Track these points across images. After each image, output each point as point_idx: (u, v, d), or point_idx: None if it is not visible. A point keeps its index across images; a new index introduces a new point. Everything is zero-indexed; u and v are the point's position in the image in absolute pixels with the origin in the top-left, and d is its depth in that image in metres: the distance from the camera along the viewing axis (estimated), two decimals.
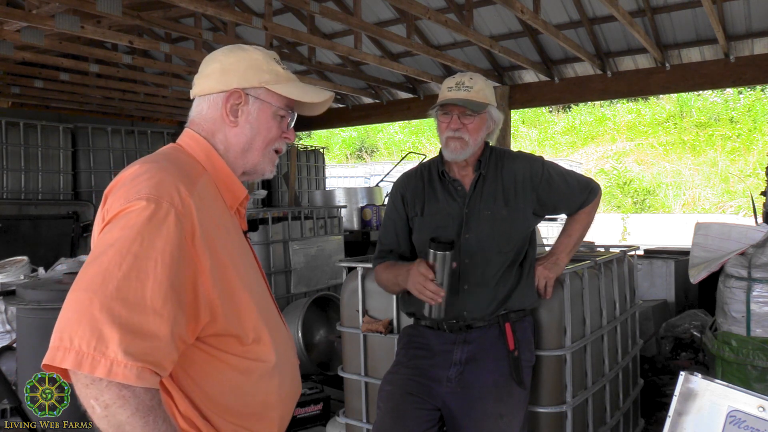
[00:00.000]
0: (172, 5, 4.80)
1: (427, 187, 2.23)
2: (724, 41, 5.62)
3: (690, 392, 1.20)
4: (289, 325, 4.66)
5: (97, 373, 0.97)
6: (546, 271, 2.26)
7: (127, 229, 1.07)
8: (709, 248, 3.44)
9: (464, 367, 2.10)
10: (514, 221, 2.16)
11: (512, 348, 2.10)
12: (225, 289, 1.17)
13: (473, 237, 2.13)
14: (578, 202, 2.28)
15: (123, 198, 1.11)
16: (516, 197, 2.17)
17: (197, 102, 1.35)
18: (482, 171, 2.17)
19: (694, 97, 16.90)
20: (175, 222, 1.09)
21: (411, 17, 5.82)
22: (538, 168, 2.20)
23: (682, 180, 16.26)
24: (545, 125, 19.48)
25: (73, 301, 1.02)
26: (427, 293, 1.97)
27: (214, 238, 1.17)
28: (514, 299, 2.17)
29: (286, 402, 1.34)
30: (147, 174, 1.15)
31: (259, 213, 5.40)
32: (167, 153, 1.30)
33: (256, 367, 1.25)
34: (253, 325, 1.23)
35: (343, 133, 21.23)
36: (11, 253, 5.28)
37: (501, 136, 7.20)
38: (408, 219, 2.25)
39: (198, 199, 1.17)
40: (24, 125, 8.06)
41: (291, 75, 1.38)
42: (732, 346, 3.15)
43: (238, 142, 1.32)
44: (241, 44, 1.38)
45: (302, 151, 11.11)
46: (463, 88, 2.09)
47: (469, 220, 2.14)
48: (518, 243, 2.17)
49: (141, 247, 1.05)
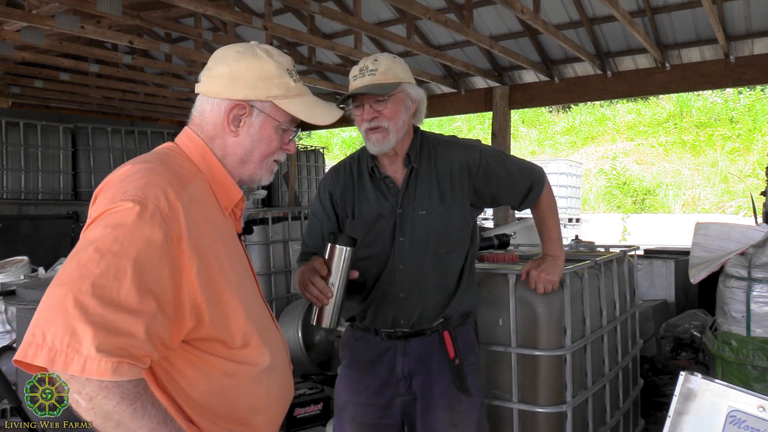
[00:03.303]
0: (172, 5, 4.80)
1: (357, 185, 2.01)
2: (724, 41, 5.62)
3: (690, 392, 1.20)
4: (289, 325, 4.66)
5: (70, 371, 0.95)
6: (549, 276, 2.15)
7: (109, 228, 1.06)
8: (709, 248, 3.44)
9: (410, 381, 1.98)
10: (451, 219, 1.97)
11: (452, 356, 1.95)
12: (213, 294, 1.15)
13: (407, 240, 1.94)
14: (521, 193, 2.07)
15: (110, 198, 1.11)
16: (453, 191, 1.97)
17: (201, 101, 1.32)
18: (414, 164, 1.96)
19: (694, 97, 16.89)
20: (160, 224, 1.08)
21: (411, 17, 5.82)
22: (476, 156, 1.99)
23: (682, 180, 16.25)
24: (545, 125, 19.47)
25: (49, 296, 1.01)
26: (312, 291, 1.72)
27: (204, 241, 1.16)
28: (453, 305, 2.00)
29: (274, 407, 1.32)
30: (136, 175, 1.14)
31: (259, 213, 5.40)
32: (161, 153, 1.28)
33: (243, 371, 1.23)
34: (241, 329, 1.21)
35: (343, 133, 21.21)
36: (11, 253, 5.28)
37: (501, 136, 7.21)
38: (338, 220, 2.03)
39: (187, 201, 1.15)
40: (24, 125, 8.06)
41: (302, 88, 1.34)
42: (732, 346, 3.15)
43: (236, 152, 1.30)
44: (256, 47, 1.32)
45: (302, 151, 11.12)
46: (367, 72, 1.87)
47: (403, 221, 1.95)
48: (457, 243, 1.99)
49: (121, 247, 1.04)
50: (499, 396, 2.42)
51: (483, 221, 11.23)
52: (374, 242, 1.96)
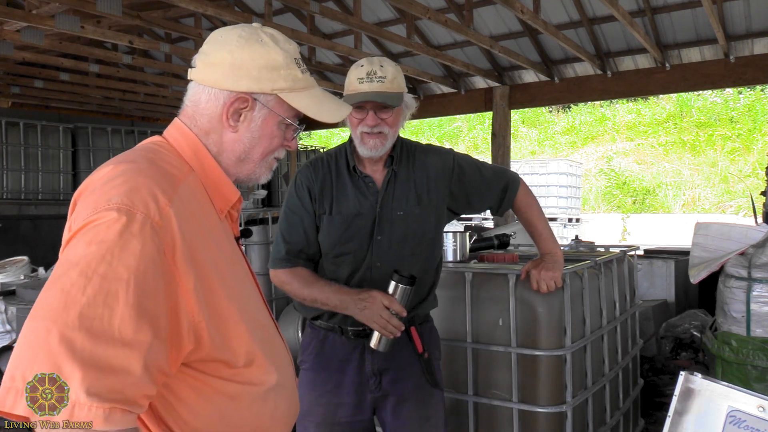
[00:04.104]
0: (172, 5, 4.80)
1: (335, 182, 2.01)
2: (724, 41, 5.62)
3: (690, 392, 1.20)
4: (289, 325, 4.66)
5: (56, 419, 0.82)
6: (551, 273, 2.13)
7: (93, 245, 0.91)
8: (709, 248, 3.44)
9: (381, 378, 2.00)
10: (426, 221, 2.03)
11: (421, 351, 2.00)
12: (212, 310, 1.02)
13: (385, 239, 1.97)
14: (497, 193, 2.13)
15: (91, 207, 0.95)
16: (429, 194, 2.03)
17: (195, 89, 1.17)
18: (394, 167, 2.01)
19: (694, 97, 16.90)
20: (151, 236, 0.94)
21: (411, 17, 5.82)
22: (449, 161, 2.07)
23: (682, 180, 16.25)
24: (545, 125, 19.47)
25: (29, 331, 0.86)
26: (390, 328, 1.84)
27: (200, 250, 1.02)
28: (425, 305, 2.07)
29: (279, 426, 1.20)
30: (120, 178, 1.00)
31: (259, 213, 5.40)
32: (148, 149, 1.13)
33: (247, 392, 1.10)
34: (245, 347, 1.08)
35: (343, 133, 21.20)
36: (11, 253, 5.29)
37: (501, 136, 7.22)
38: (315, 216, 2.01)
39: (180, 205, 1.01)
40: (24, 125, 8.07)
41: (309, 80, 1.21)
42: (732, 346, 3.15)
43: (234, 150, 1.16)
44: (260, 31, 1.16)
45: (302, 151, 11.13)
46: (376, 79, 1.86)
47: (382, 220, 1.97)
48: (432, 244, 2.06)
49: (110, 267, 0.89)
50: (499, 396, 2.42)
51: (483, 221, 11.24)
52: (351, 239, 1.98)
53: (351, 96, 1.89)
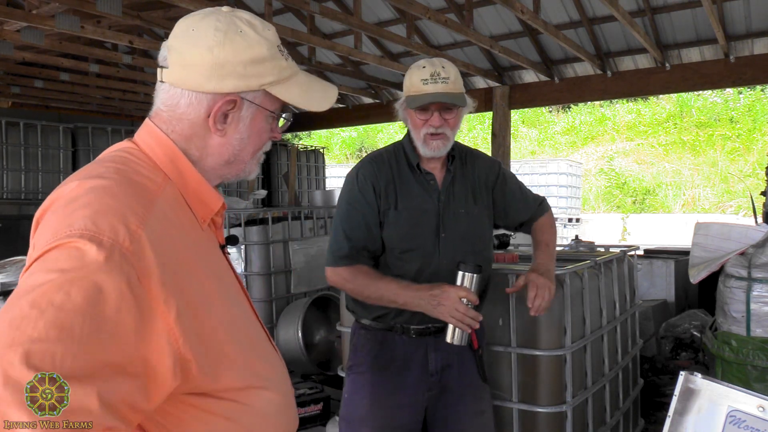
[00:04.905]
0: (172, 5, 4.80)
1: (397, 178, 2.01)
2: (724, 41, 5.62)
3: (690, 392, 1.20)
4: (289, 325, 4.67)
5: None
6: (545, 281, 1.98)
7: (53, 274, 0.80)
8: (709, 248, 3.44)
9: (440, 375, 2.01)
10: (482, 221, 2.08)
11: (476, 347, 1.99)
12: (200, 339, 0.92)
13: (449, 236, 1.99)
14: (530, 211, 2.19)
15: (52, 231, 0.85)
16: (481, 196, 2.09)
17: (170, 92, 1.03)
18: (452, 167, 2.05)
19: (694, 97, 16.90)
20: (120, 265, 0.83)
21: (411, 17, 5.82)
22: (496, 168, 2.15)
23: (681, 180, 16.26)
24: (545, 125, 19.47)
25: None
26: (467, 320, 1.79)
27: (181, 273, 0.92)
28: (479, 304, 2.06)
29: None
30: (86, 197, 0.89)
31: (259, 213, 5.40)
32: (118, 160, 1.00)
33: (245, 411, 1.02)
34: (238, 372, 1.00)
35: (343, 133, 21.22)
36: (11, 253, 5.27)
37: (501, 136, 7.21)
38: (379, 212, 1.98)
39: (156, 225, 0.91)
40: (24, 125, 8.07)
41: (293, 66, 1.11)
42: (732, 346, 3.15)
43: (221, 153, 1.06)
44: (236, 20, 1.04)
45: (302, 151, 11.12)
46: (440, 80, 1.88)
47: (445, 217, 2.00)
48: (488, 243, 2.12)
49: (67, 297, 0.78)
50: (499, 396, 2.42)
51: None
52: (419, 235, 1.99)
53: (418, 98, 1.90)
